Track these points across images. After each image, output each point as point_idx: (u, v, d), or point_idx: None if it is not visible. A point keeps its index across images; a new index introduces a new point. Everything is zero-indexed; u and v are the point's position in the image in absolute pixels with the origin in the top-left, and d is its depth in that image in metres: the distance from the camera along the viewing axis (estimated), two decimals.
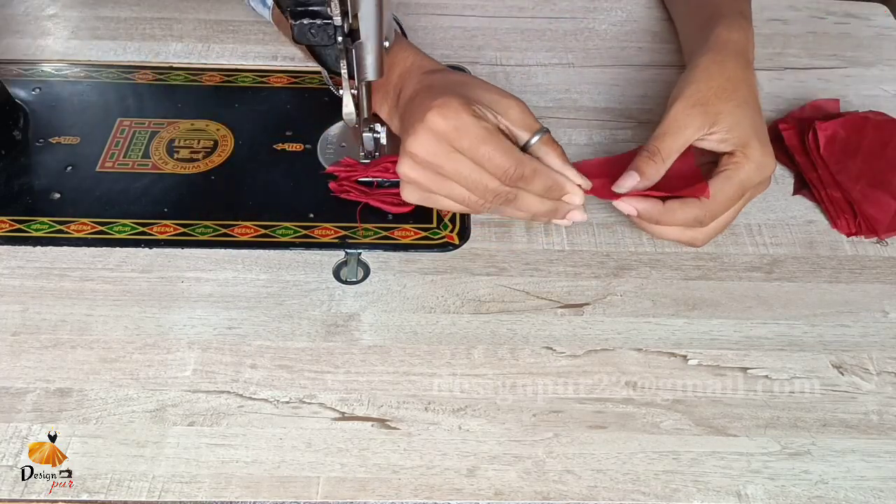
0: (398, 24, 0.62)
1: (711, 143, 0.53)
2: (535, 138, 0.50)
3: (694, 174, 0.53)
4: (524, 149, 0.50)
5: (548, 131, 0.51)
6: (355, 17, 0.48)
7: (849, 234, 0.59)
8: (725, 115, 0.52)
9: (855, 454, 0.47)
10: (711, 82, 0.53)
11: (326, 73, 0.56)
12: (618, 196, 0.52)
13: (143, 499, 0.43)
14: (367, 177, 0.59)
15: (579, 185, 0.51)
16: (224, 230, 0.56)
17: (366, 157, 0.60)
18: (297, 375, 0.49)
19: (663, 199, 0.52)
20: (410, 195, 0.52)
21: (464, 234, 0.57)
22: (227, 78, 0.68)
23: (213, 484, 0.44)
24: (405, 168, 0.50)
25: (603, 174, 0.53)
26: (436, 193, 0.50)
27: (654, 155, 0.52)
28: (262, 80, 0.68)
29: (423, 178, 0.50)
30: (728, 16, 0.58)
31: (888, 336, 0.53)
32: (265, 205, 0.58)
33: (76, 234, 0.56)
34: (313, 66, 0.62)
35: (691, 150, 0.53)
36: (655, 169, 0.51)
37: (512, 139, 0.50)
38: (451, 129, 0.47)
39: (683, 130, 0.52)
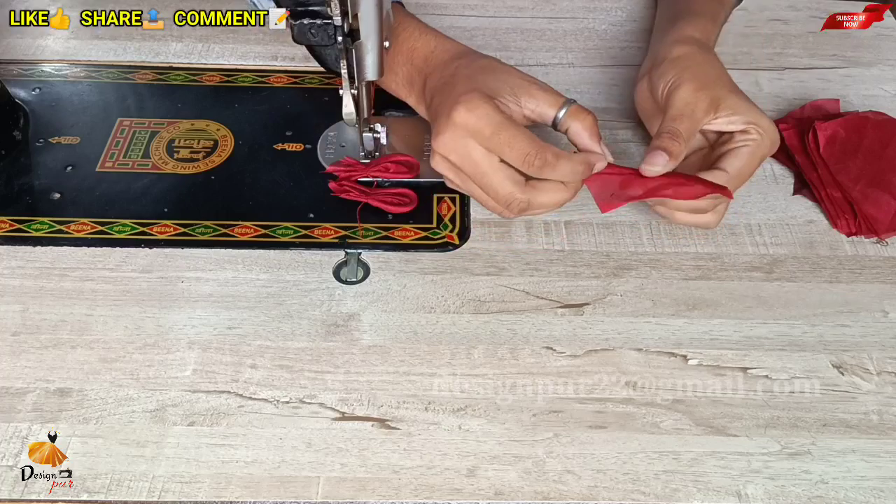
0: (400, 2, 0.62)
1: (720, 125, 0.53)
2: (563, 111, 0.51)
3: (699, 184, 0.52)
4: (555, 125, 0.51)
5: (575, 102, 0.51)
6: (355, 17, 0.48)
7: (849, 234, 0.59)
8: (726, 98, 0.53)
9: (855, 454, 0.47)
10: (701, 69, 0.55)
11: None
12: (636, 197, 0.51)
13: (143, 499, 0.43)
14: (367, 177, 0.59)
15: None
16: (224, 230, 0.56)
17: (366, 157, 0.60)
18: (297, 375, 0.49)
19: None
20: (444, 176, 0.54)
21: (464, 234, 0.57)
22: (227, 78, 0.68)
23: (213, 484, 0.44)
24: (435, 163, 0.52)
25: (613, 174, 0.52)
26: (461, 188, 0.53)
27: (677, 136, 0.51)
28: (262, 80, 0.68)
29: (451, 174, 0.52)
30: (697, 14, 0.61)
31: (888, 336, 0.53)
32: (265, 205, 0.58)
33: (76, 234, 0.56)
34: (313, 65, 0.62)
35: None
36: (679, 148, 0.51)
37: (541, 120, 0.51)
38: (473, 121, 0.48)
39: (695, 113, 0.52)
